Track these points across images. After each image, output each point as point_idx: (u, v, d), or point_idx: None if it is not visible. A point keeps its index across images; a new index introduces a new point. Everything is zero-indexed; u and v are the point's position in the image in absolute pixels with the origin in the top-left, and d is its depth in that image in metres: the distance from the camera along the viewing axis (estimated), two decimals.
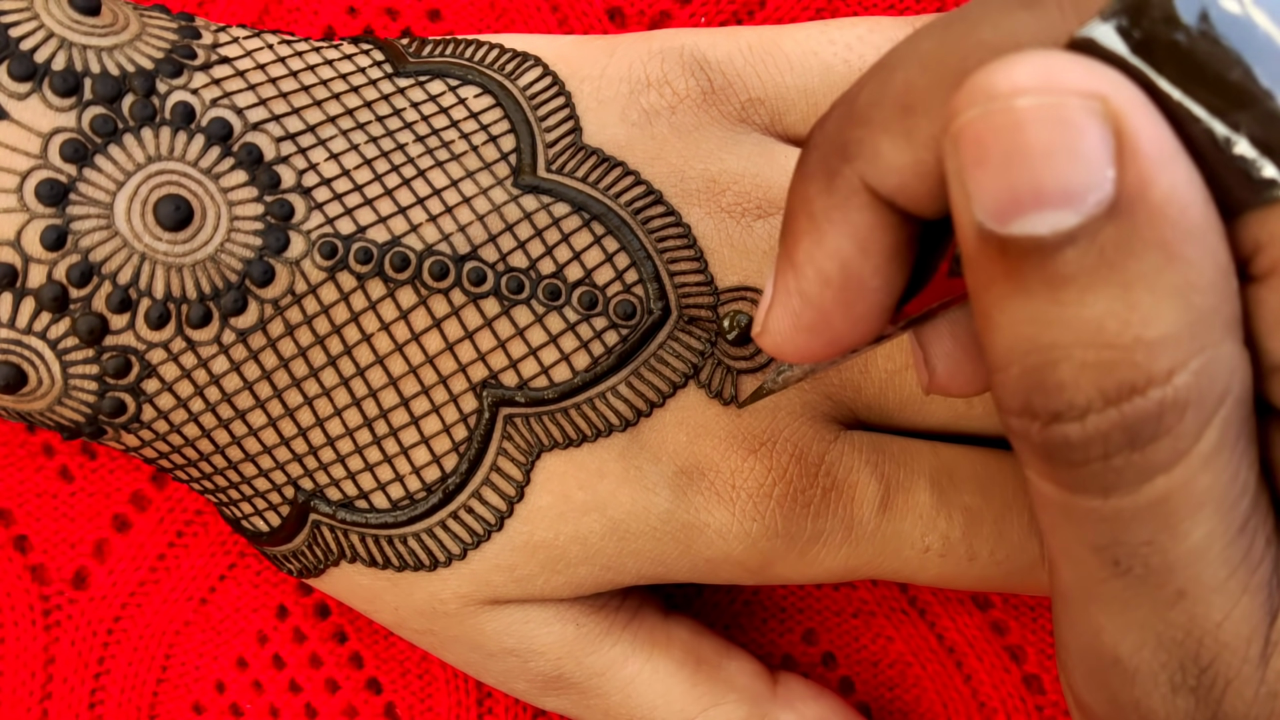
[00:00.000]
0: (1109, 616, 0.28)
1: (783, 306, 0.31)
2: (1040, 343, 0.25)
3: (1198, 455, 0.25)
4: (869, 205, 0.29)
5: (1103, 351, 0.24)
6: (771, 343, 0.31)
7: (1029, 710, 0.46)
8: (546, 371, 0.39)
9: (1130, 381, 0.25)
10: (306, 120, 0.38)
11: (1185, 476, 0.25)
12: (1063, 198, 0.24)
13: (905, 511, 0.40)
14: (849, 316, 0.30)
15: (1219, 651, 0.27)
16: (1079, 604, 0.28)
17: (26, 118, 0.36)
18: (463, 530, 0.39)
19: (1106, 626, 0.28)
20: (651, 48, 0.41)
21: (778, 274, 0.31)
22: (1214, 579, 0.26)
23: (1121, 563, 0.26)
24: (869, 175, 0.28)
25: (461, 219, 0.38)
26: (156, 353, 0.37)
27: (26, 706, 0.46)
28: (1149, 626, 0.27)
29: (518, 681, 0.41)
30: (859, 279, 0.30)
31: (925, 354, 0.33)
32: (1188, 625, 0.27)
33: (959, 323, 0.32)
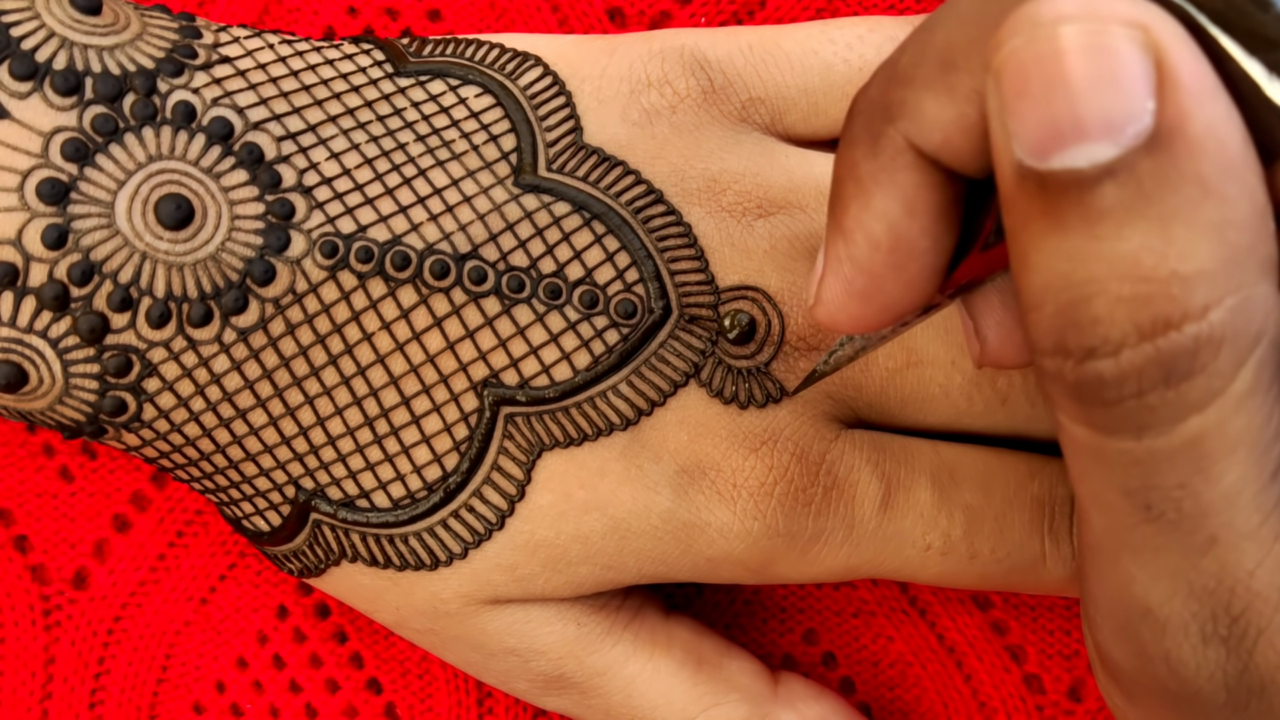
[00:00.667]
0: (1140, 565, 0.27)
1: (834, 275, 0.31)
2: (1075, 278, 0.25)
3: (1232, 395, 0.25)
4: (914, 165, 0.29)
5: (1139, 285, 0.24)
6: (825, 313, 0.31)
7: (1029, 710, 0.46)
8: (547, 370, 0.39)
9: (1165, 316, 0.24)
10: (307, 119, 0.38)
11: (1219, 417, 0.25)
12: (1102, 129, 0.24)
13: (906, 510, 0.40)
14: (900, 280, 0.30)
15: (1251, 600, 0.27)
16: (1109, 554, 0.28)
17: (28, 117, 0.36)
18: (464, 529, 0.39)
19: (1137, 576, 0.28)
20: (652, 47, 0.41)
21: (828, 243, 0.31)
22: (1247, 525, 0.26)
23: (1154, 507, 0.26)
24: (913, 134, 0.29)
25: (462, 218, 0.38)
26: (157, 351, 0.37)
27: (26, 706, 0.46)
28: (1180, 575, 0.27)
29: (519, 681, 0.41)
30: (908, 240, 0.30)
31: (976, 324, 0.33)
32: (1219, 573, 0.27)
33: (1009, 291, 0.32)
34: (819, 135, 0.42)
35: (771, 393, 0.39)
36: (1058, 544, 0.40)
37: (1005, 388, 0.40)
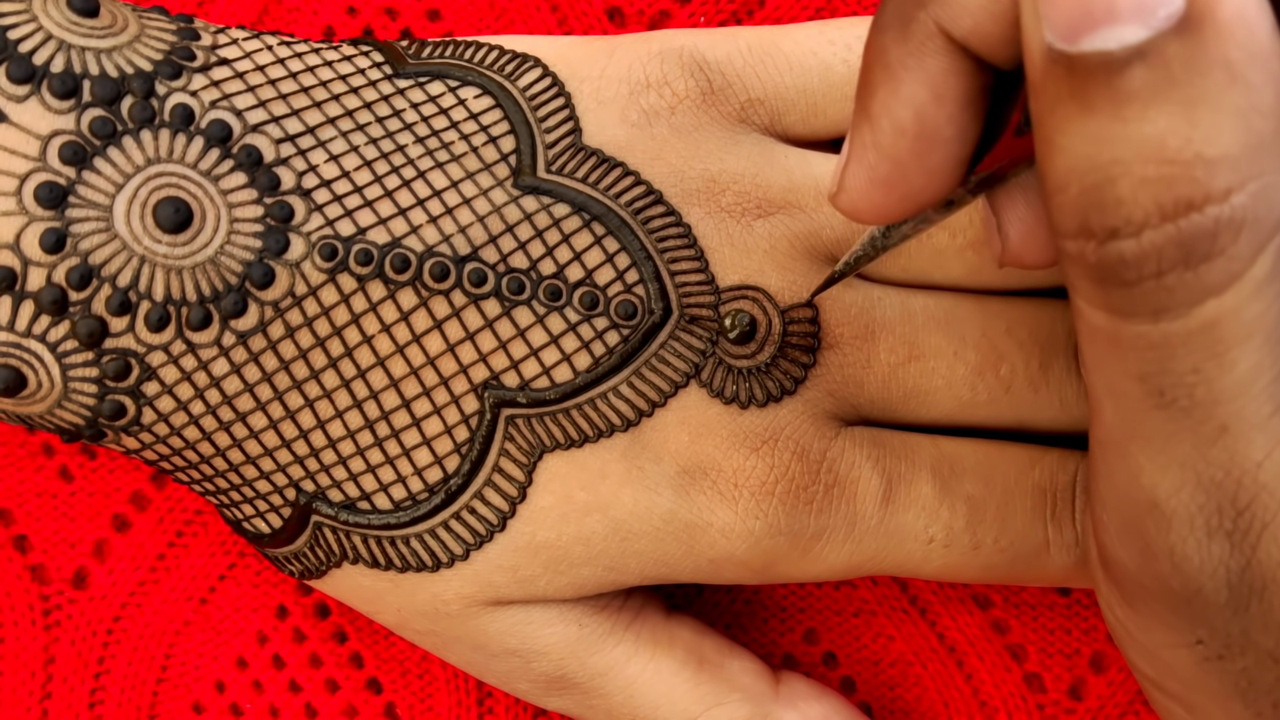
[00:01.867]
0: (1149, 456, 0.28)
1: (858, 162, 0.31)
2: (1101, 160, 0.25)
3: (1250, 281, 0.25)
4: (944, 50, 0.29)
5: (1163, 167, 0.25)
6: (847, 200, 0.32)
7: (1030, 709, 0.46)
8: (548, 372, 0.39)
9: (1188, 197, 0.25)
10: (306, 122, 0.38)
11: (1236, 302, 0.25)
12: (1133, 12, 0.24)
13: (908, 504, 0.40)
14: (924, 168, 0.30)
15: (1257, 493, 0.27)
16: (1119, 446, 0.28)
17: (25, 120, 0.36)
18: (465, 531, 0.39)
19: (1146, 467, 0.28)
20: (651, 48, 0.41)
21: (853, 130, 0.31)
22: (1257, 415, 0.26)
23: (1166, 393, 0.27)
24: (944, 19, 0.29)
25: (462, 220, 0.38)
26: (156, 355, 0.37)
27: (26, 706, 0.46)
28: (1189, 465, 0.27)
29: (520, 682, 0.41)
30: (934, 127, 0.30)
31: (999, 221, 0.33)
32: (1228, 464, 0.27)
33: (1032, 189, 0.32)
34: (818, 136, 0.42)
35: (772, 392, 0.39)
36: (1061, 531, 0.40)
37: (1008, 375, 0.40)
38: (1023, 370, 0.40)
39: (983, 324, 0.40)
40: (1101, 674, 0.46)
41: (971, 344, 0.40)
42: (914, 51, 0.29)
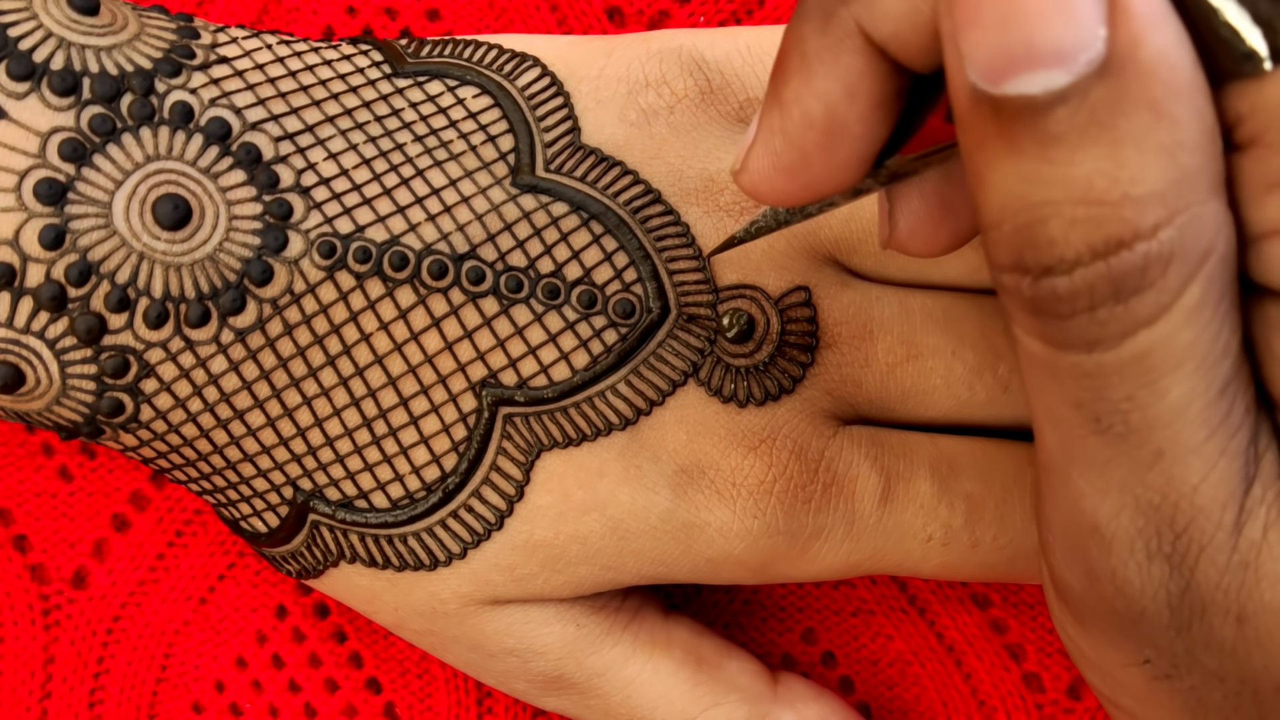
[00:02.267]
0: (1089, 480, 0.28)
1: (764, 145, 0.31)
2: (1031, 200, 0.26)
3: (1180, 310, 0.26)
4: (861, 50, 0.29)
5: (1092, 208, 0.25)
6: (749, 181, 0.32)
7: (1029, 708, 0.46)
8: (546, 370, 0.39)
9: (1118, 236, 0.25)
10: (305, 120, 0.38)
11: (1167, 331, 0.26)
12: (1054, 57, 0.25)
13: (906, 502, 0.40)
14: (829, 162, 0.30)
15: (1194, 516, 0.27)
16: (1060, 471, 0.29)
17: (25, 117, 0.36)
18: (462, 530, 0.39)
19: (1086, 491, 0.28)
20: (650, 48, 0.41)
21: (763, 113, 0.31)
22: (1192, 440, 0.27)
23: (1102, 420, 0.27)
24: (864, 19, 0.29)
25: (460, 218, 0.38)
26: (155, 352, 0.37)
27: (26, 706, 0.46)
28: (1127, 489, 0.27)
29: (518, 682, 0.41)
30: (843, 124, 0.30)
31: (891, 209, 0.33)
32: (1164, 488, 0.27)
33: (929, 182, 0.32)
34: None
35: (770, 391, 0.39)
36: None
37: (1006, 375, 0.40)
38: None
39: (981, 323, 0.40)
40: None
41: (970, 343, 0.40)
42: (831, 46, 0.29)
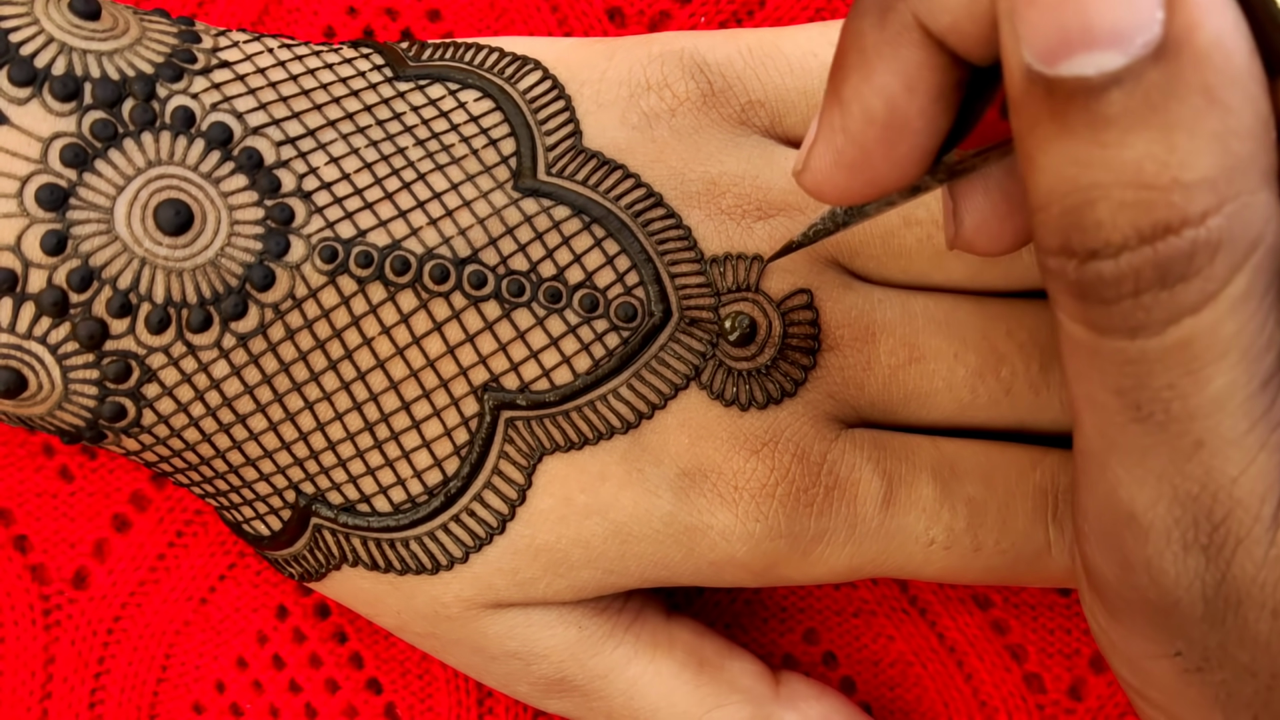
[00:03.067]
0: (1127, 468, 0.28)
1: (826, 143, 0.31)
2: (1081, 183, 0.26)
3: (1225, 299, 0.26)
4: (920, 43, 0.29)
5: (1141, 192, 0.25)
6: (811, 180, 0.32)
7: (1030, 709, 0.46)
8: (548, 374, 0.39)
9: (1165, 221, 0.25)
10: (307, 124, 0.38)
11: (1212, 320, 0.26)
12: (1111, 38, 0.25)
13: (909, 506, 0.40)
14: (890, 157, 0.30)
15: (1232, 508, 0.27)
16: (1099, 458, 0.28)
17: (26, 122, 0.36)
18: (464, 533, 0.39)
19: (1124, 479, 0.28)
20: (651, 51, 0.41)
21: (824, 111, 0.31)
22: (1233, 431, 0.27)
23: (1143, 407, 0.27)
24: (922, 11, 0.29)
25: (462, 222, 0.38)
26: (157, 357, 0.37)
27: (26, 706, 0.46)
28: (1165, 478, 0.27)
29: (520, 684, 0.41)
30: (904, 118, 0.30)
31: (955, 207, 0.33)
32: (1204, 478, 0.27)
33: (993, 179, 0.32)
34: None
35: (772, 394, 0.39)
36: (1062, 532, 0.40)
37: (1009, 377, 0.40)
38: (1023, 372, 0.40)
39: (983, 326, 0.40)
40: (1101, 674, 0.46)
41: (972, 346, 0.40)
42: (890, 40, 0.29)
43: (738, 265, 0.40)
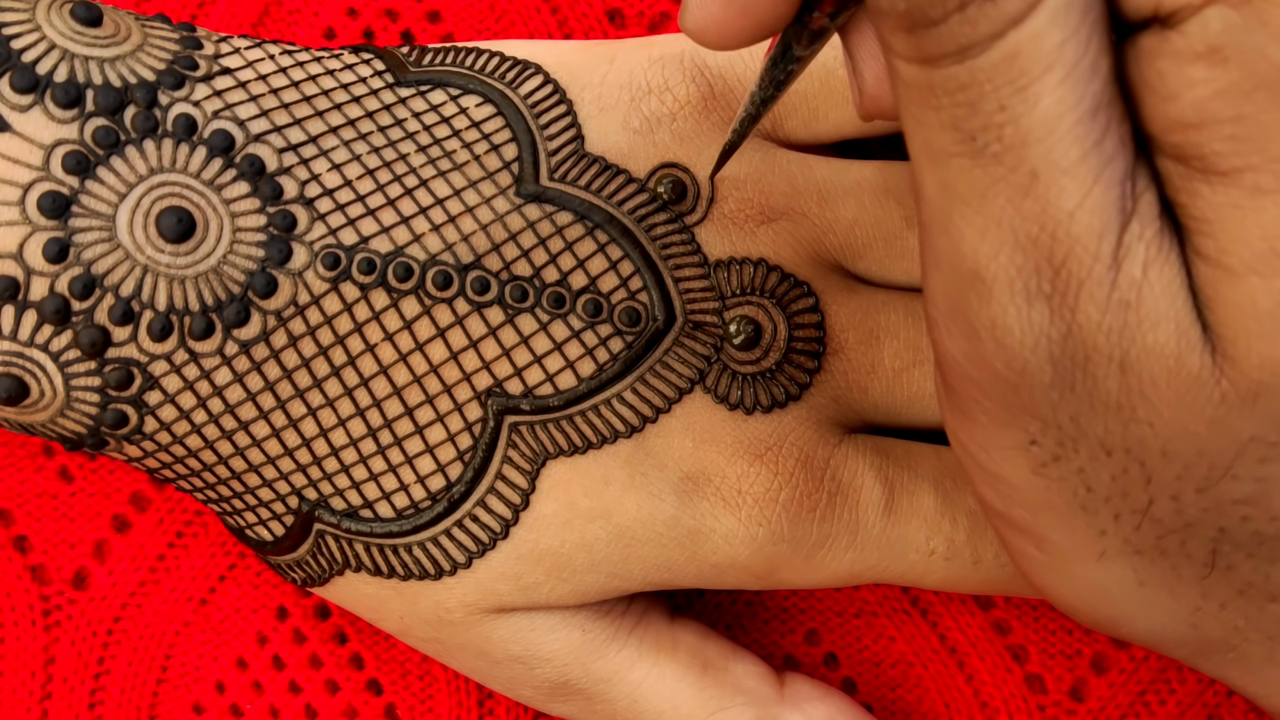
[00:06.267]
0: (968, 219, 0.27)
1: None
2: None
3: (1047, 8, 0.25)
4: None
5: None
6: (692, 20, 0.32)
7: (1031, 710, 0.46)
8: (551, 379, 0.39)
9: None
10: (308, 131, 0.38)
11: (1035, 29, 0.25)
12: None
13: (910, 515, 0.40)
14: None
15: (1071, 246, 0.27)
16: (942, 218, 0.28)
17: (28, 130, 0.36)
18: (468, 539, 0.39)
19: (966, 233, 0.28)
20: (652, 54, 0.41)
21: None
22: (1065, 158, 0.26)
23: (978, 138, 0.27)
24: None
25: (465, 228, 0.38)
26: (159, 364, 0.37)
27: (26, 706, 0.46)
28: (1005, 221, 0.27)
29: (524, 688, 0.41)
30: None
31: (854, 63, 0.33)
32: (1041, 215, 0.27)
33: None
34: (819, 139, 0.42)
35: (777, 398, 0.39)
36: None
37: None
38: None
39: None
40: (1103, 675, 0.46)
41: None
42: None
43: (742, 269, 0.40)
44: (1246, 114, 0.25)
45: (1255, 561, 0.30)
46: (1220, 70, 0.25)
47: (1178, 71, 0.26)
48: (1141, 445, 0.29)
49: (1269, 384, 0.27)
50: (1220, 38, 0.25)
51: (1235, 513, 0.29)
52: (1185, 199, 0.27)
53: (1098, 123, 0.26)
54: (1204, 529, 0.29)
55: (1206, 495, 0.29)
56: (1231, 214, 0.26)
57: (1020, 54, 0.26)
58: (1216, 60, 0.25)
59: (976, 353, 0.29)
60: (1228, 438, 0.28)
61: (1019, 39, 0.25)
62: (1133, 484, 0.29)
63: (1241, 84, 0.25)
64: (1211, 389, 0.27)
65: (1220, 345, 0.27)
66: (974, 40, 0.26)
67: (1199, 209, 0.27)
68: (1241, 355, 0.27)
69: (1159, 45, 0.26)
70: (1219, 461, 0.28)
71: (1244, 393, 0.27)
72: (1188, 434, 0.28)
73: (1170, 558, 0.30)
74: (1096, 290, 0.27)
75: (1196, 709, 0.45)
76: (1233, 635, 0.32)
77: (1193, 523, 0.29)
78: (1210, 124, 0.26)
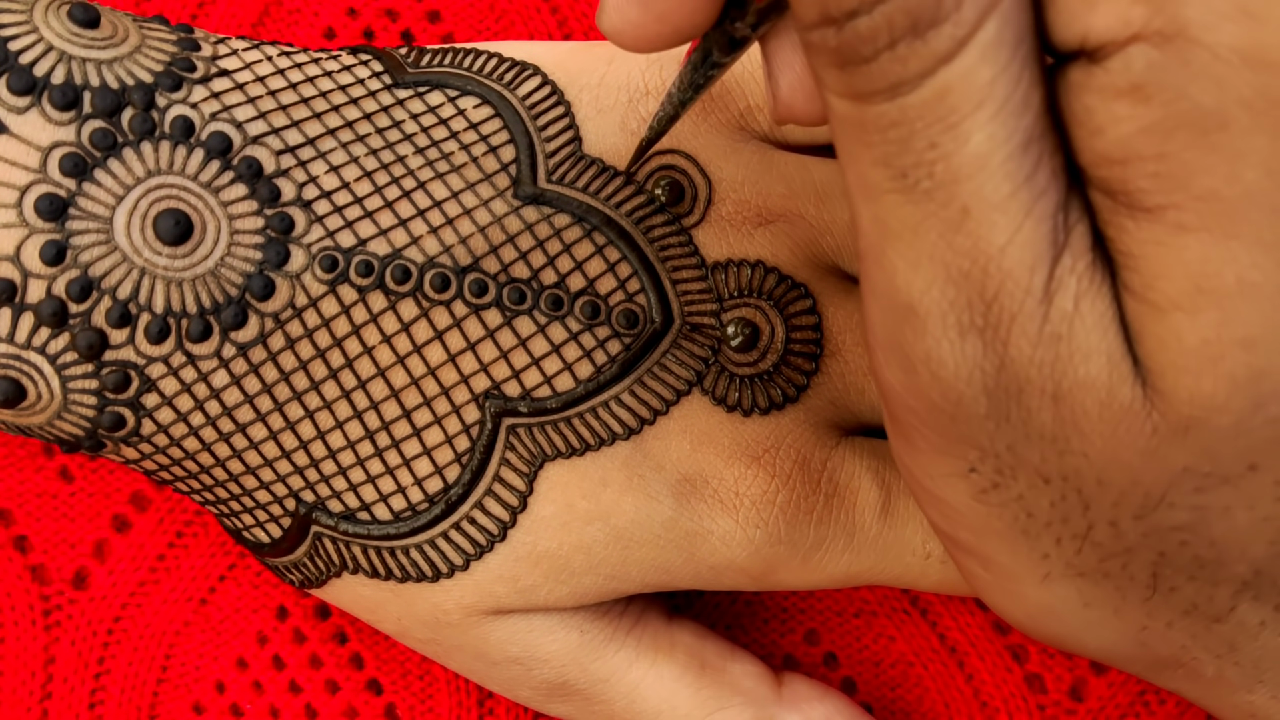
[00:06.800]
0: (900, 253, 0.28)
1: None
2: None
3: (977, 45, 0.25)
4: None
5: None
6: (608, 21, 0.32)
7: (1030, 709, 0.46)
8: (549, 381, 0.39)
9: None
10: (306, 133, 0.38)
11: (965, 67, 0.25)
12: None
13: (906, 518, 0.40)
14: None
15: (1003, 281, 0.27)
16: (876, 251, 0.28)
17: (26, 132, 0.36)
18: (465, 541, 0.39)
19: (900, 267, 0.28)
20: (650, 55, 0.41)
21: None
22: (996, 194, 0.26)
23: (909, 175, 0.27)
24: None
25: (462, 230, 0.38)
26: (156, 367, 0.37)
27: (26, 706, 0.46)
28: (937, 257, 0.27)
29: (522, 689, 0.41)
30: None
31: (770, 70, 0.33)
32: (972, 250, 0.27)
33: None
34: (817, 141, 0.42)
35: (775, 399, 0.39)
36: None
37: None
38: None
39: None
40: (1102, 675, 0.46)
41: None
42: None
43: (740, 271, 0.40)
44: (1169, 152, 0.25)
45: (1197, 584, 0.30)
46: (1143, 108, 0.25)
47: (1103, 107, 0.26)
48: (1077, 474, 0.29)
49: (1198, 417, 0.27)
50: (1143, 75, 0.25)
51: (1174, 538, 0.29)
52: (1113, 233, 0.27)
53: (1029, 157, 0.26)
54: (1144, 553, 0.30)
55: (1145, 522, 0.29)
56: (1156, 250, 0.26)
57: (951, 91, 0.26)
58: (1139, 98, 0.25)
59: (913, 383, 0.29)
60: (1161, 468, 0.28)
61: (949, 76, 0.26)
62: (1071, 510, 0.29)
63: (1164, 122, 0.25)
64: (1143, 421, 0.27)
65: (1150, 379, 0.27)
66: (904, 78, 0.26)
67: (1125, 244, 0.27)
68: (1170, 389, 0.27)
69: (1085, 79, 0.26)
70: (1153, 491, 0.28)
71: (1174, 425, 0.27)
72: (1121, 464, 0.28)
73: (1113, 580, 0.31)
74: (1028, 324, 0.27)
75: (1196, 709, 0.45)
76: (1181, 653, 0.32)
77: (1133, 547, 0.30)
78: (1134, 160, 0.26)
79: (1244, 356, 0.26)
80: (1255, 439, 0.27)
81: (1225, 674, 0.32)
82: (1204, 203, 0.25)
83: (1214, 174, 0.25)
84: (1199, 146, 0.25)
